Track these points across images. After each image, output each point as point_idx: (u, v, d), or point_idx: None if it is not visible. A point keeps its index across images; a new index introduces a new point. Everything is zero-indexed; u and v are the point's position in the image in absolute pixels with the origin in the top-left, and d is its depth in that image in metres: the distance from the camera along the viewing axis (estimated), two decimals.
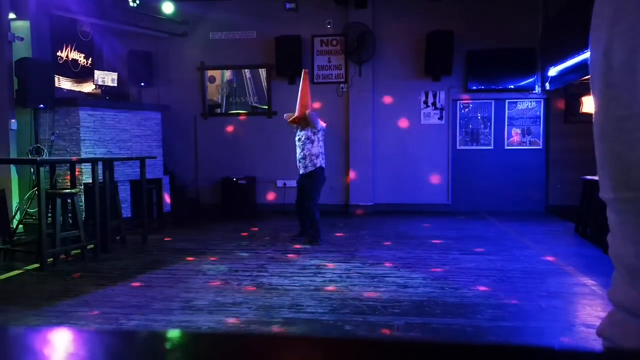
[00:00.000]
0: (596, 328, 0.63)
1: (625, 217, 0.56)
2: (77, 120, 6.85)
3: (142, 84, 8.85)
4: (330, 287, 4.11)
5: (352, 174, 8.73)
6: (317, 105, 8.84)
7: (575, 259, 5.12)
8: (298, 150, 5.90)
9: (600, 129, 0.57)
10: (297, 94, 5.95)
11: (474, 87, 8.62)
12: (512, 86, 8.57)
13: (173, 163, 8.84)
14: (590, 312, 3.54)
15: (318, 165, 5.80)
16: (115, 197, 5.88)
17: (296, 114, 5.85)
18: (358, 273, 4.58)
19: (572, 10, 6.75)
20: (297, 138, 5.95)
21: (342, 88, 8.81)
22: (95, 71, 8.26)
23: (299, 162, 5.88)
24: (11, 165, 6.53)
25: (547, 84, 8.32)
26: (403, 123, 8.83)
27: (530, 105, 8.69)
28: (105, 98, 8.21)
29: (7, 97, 6.46)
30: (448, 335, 3.14)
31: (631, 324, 0.56)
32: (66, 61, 7.83)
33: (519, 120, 8.73)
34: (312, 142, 5.79)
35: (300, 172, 5.90)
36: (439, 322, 3.33)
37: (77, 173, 6.44)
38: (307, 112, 5.77)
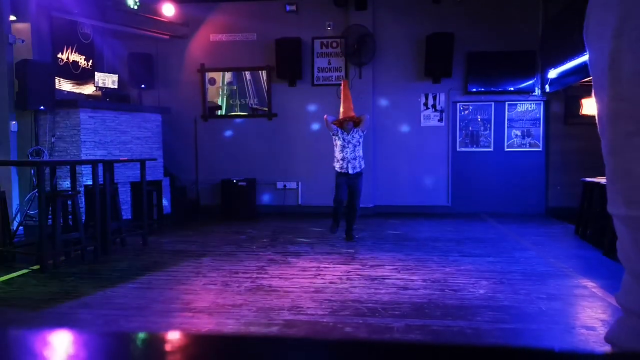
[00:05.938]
0: (604, 335, 0.61)
1: (637, 235, 0.54)
2: (78, 122, 6.84)
3: (143, 86, 8.86)
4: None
5: None
6: (316, 107, 8.84)
7: (575, 261, 5.12)
8: (347, 151, 6.10)
9: (610, 144, 0.55)
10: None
11: (474, 89, 8.62)
12: (512, 88, 8.58)
13: (173, 165, 8.84)
14: (590, 314, 3.54)
15: (364, 166, 6.26)
16: (115, 198, 5.88)
17: (350, 114, 6.09)
18: (358, 275, 4.58)
19: (572, 12, 6.75)
20: (343, 140, 6.13)
21: None
22: (96, 73, 8.27)
23: (349, 162, 6.08)
24: (11, 167, 6.53)
25: (547, 86, 8.33)
26: (403, 125, 8.84)
27: (530, 107, 8.69)
28: (105, 100, 8.22)
29: (8, 98, 6.47)
30: (448, 338, 3.13)
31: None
32: (67, 63, 7.83)
33: (519, 122, 8.73)
34: (361, 144, 6.18)
35: (350, 172, 6.08)
36: (439, 324, 3.32)
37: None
38: (365, 115, 6.27)
